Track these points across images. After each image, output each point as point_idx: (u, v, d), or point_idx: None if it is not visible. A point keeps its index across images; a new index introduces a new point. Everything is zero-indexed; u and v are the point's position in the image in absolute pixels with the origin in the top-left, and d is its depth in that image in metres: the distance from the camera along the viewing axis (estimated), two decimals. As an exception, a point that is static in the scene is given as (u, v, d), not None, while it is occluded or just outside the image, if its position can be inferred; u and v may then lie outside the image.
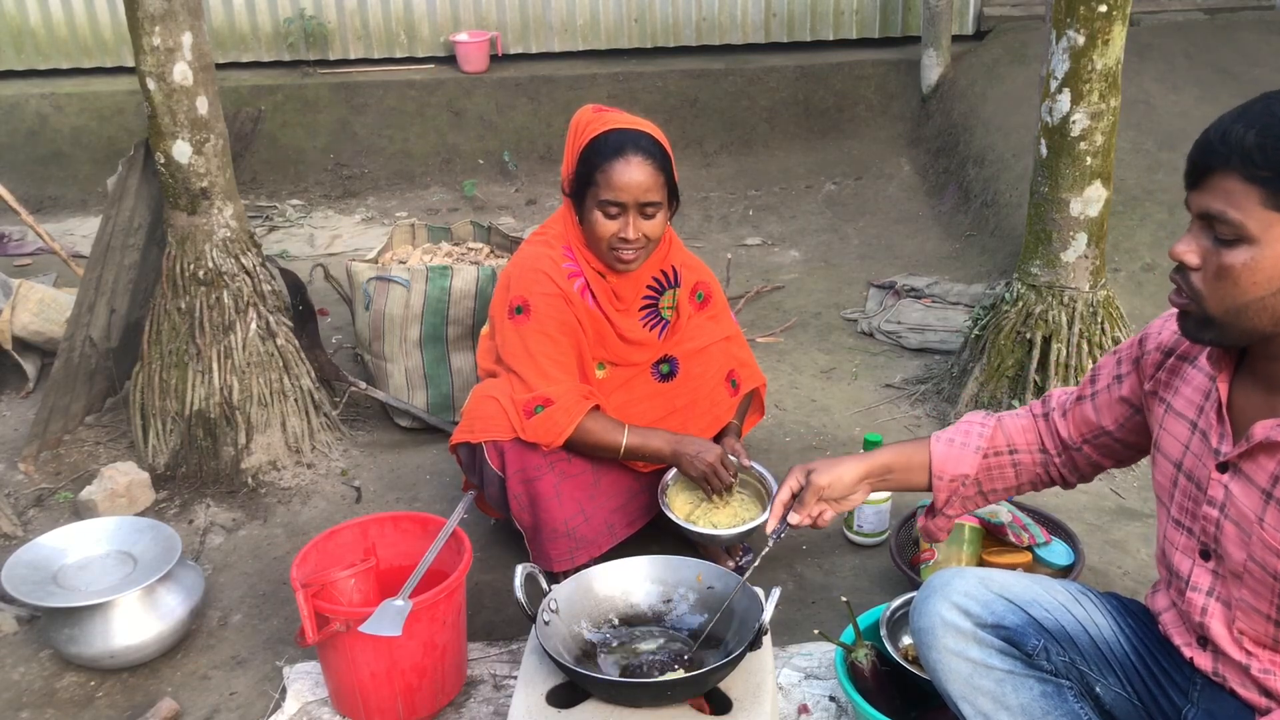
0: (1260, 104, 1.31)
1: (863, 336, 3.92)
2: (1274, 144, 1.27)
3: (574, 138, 2.33)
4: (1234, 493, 1.45)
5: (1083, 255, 2.97)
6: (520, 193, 5.67)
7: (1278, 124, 1.27)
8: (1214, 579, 1.51)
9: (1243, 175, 1.29)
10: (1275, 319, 1.34)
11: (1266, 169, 1.27)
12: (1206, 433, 1.50)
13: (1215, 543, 1.49)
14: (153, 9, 2.75)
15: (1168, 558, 1.60)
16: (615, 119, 2.30)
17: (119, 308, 3.19)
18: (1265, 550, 1.41)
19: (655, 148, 2.27)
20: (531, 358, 2.30)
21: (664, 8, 6.07)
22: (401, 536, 2.25)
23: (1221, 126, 1.32)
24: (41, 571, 2.27)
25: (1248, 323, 1.35)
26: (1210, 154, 1.33)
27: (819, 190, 5.54)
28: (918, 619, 1.69)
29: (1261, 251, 1.30)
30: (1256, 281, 1.32)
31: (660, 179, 2.27)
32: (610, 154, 2.23)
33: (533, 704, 1.81)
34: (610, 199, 2.24)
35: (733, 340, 2.59)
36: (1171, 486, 1.57)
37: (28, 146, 5.68)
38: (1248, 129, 1.29)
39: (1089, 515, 2.76)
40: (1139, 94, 4.93)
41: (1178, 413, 1.58)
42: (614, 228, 2.27)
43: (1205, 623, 1.52)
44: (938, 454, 1.81)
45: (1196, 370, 1.56)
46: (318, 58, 6.02)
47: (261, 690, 2.24)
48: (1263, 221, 1.29)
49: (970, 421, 1.85)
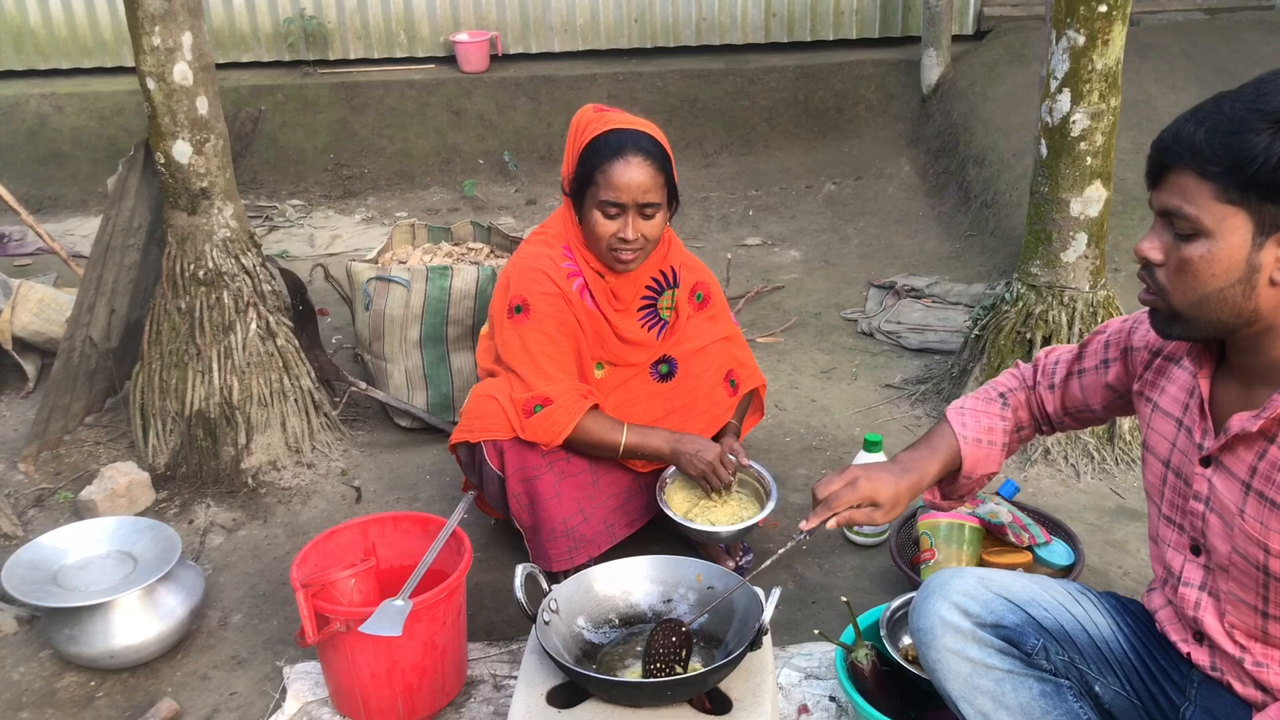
0: (1210, 103, 1.35)
1: (863, 336, 3.92)
2: (1221, 140, 1.31)
3: (574, 137, 2.33)
4: (1216, 486, 1.47)
5: (1083, 255, 2.97)
6: (520, 193, 5.67)
7: (1225, 121, 1.31)
8: (1205, 573, 1.53)
9: (1196, 171, 1.33)
10: (1236, 310, 1.37)
11: (1216, 164, 1.31)
12: (1191, 429, 1.53)
13: (1203, 537, 1.51)
14: (153, 9, 2.75)
15: (1161, 555, 1.62)
16: (615, 119, 2.30)
17: (119, 308, 3.19)
18: (1247, 541, 1.43)
19: (655, 148, 2.27)
20: (530, 357, 2.30)
21: (664, 8, 6.07)
22: (401, 536, 2.25)
23: (1175, 126, 1.37)
24: (41, 571, 2.27)
25: (1211, 314, 1.39)
26: (1165, 153, 1.37)
27: (819, 190, 5.54)
28: (917, 619, 1.70)
29: (1217, 244, 1.34)
30: (1214, 273, 1.35)
31: (660, 179, 2.27)
32: (610, 154, 2.23)
33: (533, 704, 1.81)
34: (610, 199, 2.24)
35: (732, 340, 2.59)
36: (1161, 484, 1.60)
37: (28, 146, 5.68)
38: (1198, 127, 1.33)
39: (1089, 515, 2.76)
40: (1139, 94, 4.93)
41: (1164, 411, 1.60)
42: (613, 228, 2.28)
43: (1199, 617, 1.53)
44: (969, 457, 1.85)
45: (1181, 369, 1.59)
46: (318, 58, 6.02)
47: (261, 690, 2.24)
48: (1217, 215, 1.33)
49: (990, 414, 1.87)
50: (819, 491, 1.75)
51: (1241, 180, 1.30)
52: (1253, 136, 1.29)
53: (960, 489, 1.90)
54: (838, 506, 1.73)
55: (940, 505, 1.95)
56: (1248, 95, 1.32)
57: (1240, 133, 1.30)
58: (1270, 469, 1.39)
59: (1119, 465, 2.94)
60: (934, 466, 1.84)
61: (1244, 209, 1.32)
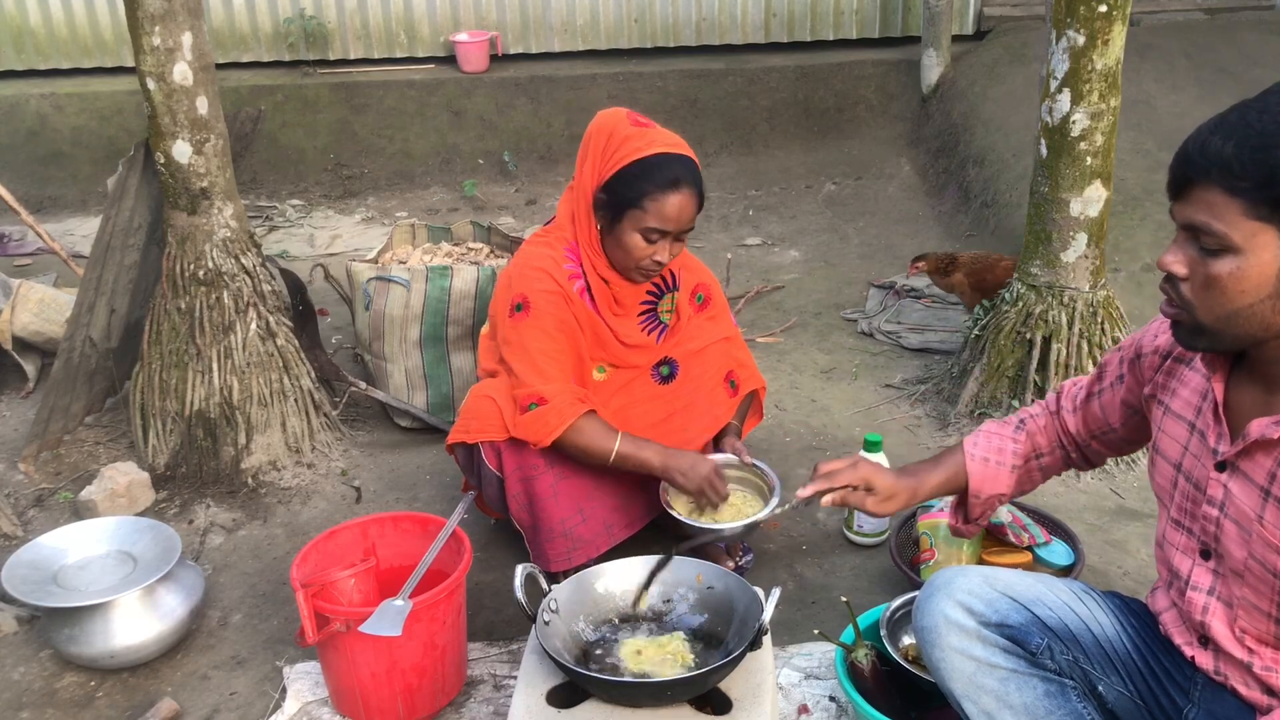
0: (1236, 114, 1.32)
1: (863, 336, 3.92)
2: (1251, 155, 1.27)
3: (608, 146, 2.29)
4: (1233, 491, 1.46)
5: (1083, 255, 2.97)
6: (520, 193, 5.67)
7: (1254, 135, 1.28)
8: (1214, 578, 1.52)
9: (1224, 187, 1.30)
10: (1265, 324, 1.35)
11: (1246, 180, 1.28)
12: (1204, 433, 1.51)
13: (1215, 542, 1.50)
14: (153, 9, 2.75)
15: (1167, 558, 1.60)
16: (659, 139, 2.29)
17: (119, 308, 3.19)
18: (1265, 548, 1.41)
19: (699, 176, 2.31)
20: (528, 354, 2.29)
21: (664, 8, 6.07)
22: (401, 536, 2.25)
23: (1199, 139, 1.33)
24: (41, 571, 2.27)
25: (1239, 329, 1.36)
26: (1190, 167, 1.34)
27: (819, 190, 5.54)
28: (921, 617, 1.69)
29: (1246, 260, 1.31)
30: (1244, 290, 1.33)
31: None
32: (666, 185, 2.25)
33: (533, 704, 1.81)
34: (657, 226, 2.27)
35: (732, 342, 2.59)
36: (1171, 487, 1.58)
37: (28, 146, 5.68)
38: (1225, 141, 1.30)
39: (1089, 515, 2.76)
40: (1139, 94, 4.92)
41: (1176, 414, 1.59)
42: (650, 251, 2.31)
43: (1206, 622, 1.52)
44: (975, 474, 1.87)
45: (1193, 372, 1.57)
46: (318, 58, 6.02)
47: (261, 690, 2.24)
48: (1246, 231, 1.30)
49: (1002, 435, 1.89)
50: (820, 468, 1.84)
51: (1272, 196, 1.27)
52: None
53: (972, 510, 1.91)
54: (835, 482, 1.81)
55: (962, 530, 1.97)
56: (1274, 107, 1.29)
57: (1271, 148, 1.26)
58: None
59: (1119, 465, 2.94)
60: (935, 476, 1.87)
61: (1274, 225, 1.29)
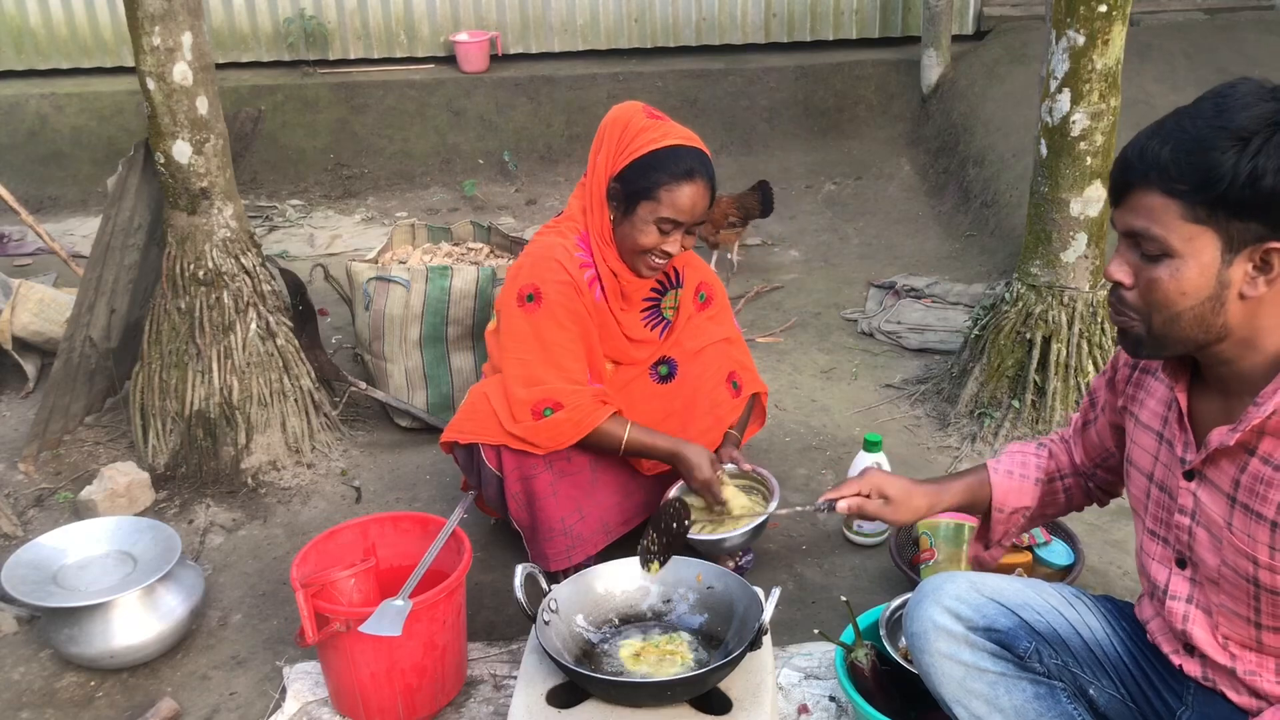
0: (1172, 120, 1.34)
1: (863, 336, 3.92)
2: (1187, 158, 1.29)
3: (623, 137, 2.30)
4: (1202, 500, 1.47)
5: (1083, 255, 2.97)
6: (520, 193, 5.67)
7: (1190, 139, 1.30)
8: (1191, 586, 1.53)
9: (1161, 190, 1.32)
10: (1207, 328, 1.36)
11: (1183, 183, 1.30)
12: (1172, 442, 1.52)
13: (1190, 550, 1.50)
14: (153, 9, 2.75)
15: (1145, 568, 1.61)
16: (674, 132, 2.31)
17: (119, 308, 3.19)
18: (1236, 554, 1.42)
19: (711, 169, 2.32)
20: (543, 346, 2.28)
21: (664, 8, 6.07)
22: (401, 536, 2.25)
23: (1138, 144, 1.35)
24: (41, 571, 2.27)
25: (1181, 333, 1.38)
26: (1129, 171, 1.35)
27: (819, 190, 5.54)
28: (910, 623, 1.71)
29: (1185, 264, 1.33)
30: (1184, 293, 1.34)
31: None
32: (681, 175, 2.26)
33: (533, 704, 1.81)
34: (670, 217, 2.28)
35: (732, 343, 2.59)
36: (1145, 498, 1.60)
37: (28, 146, 5.68)
38: (1162, 145, 1.32)
39: (1089, 515, 2.75)
40: (1139, 94, 4.92)
41: (1144, 425, 1.60)
42: (662, 241, 2.31)
43: (1188, 630, 1.53)
44: (999, 486, 1.86)
45: (1158, 381, 1.59)
46: (318, 58, 6.02)
47: (261, 690, 2.24)
48: (1183, 235, 1.32)
49: (1025, 452, 1.90)
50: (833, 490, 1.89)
51: (1209, 199, 1.29)
52: (1219, 154, 1.27)
53: (995, 530, 1.89)
54: (847, 490, 1.84)
55: (983, 558, 1.95)
56: (1207, 111, 1.31)
57: (1206, 150, 1.28)
58: (1253, 481, 1.39)
59: (1119, 465, 2.94)
60: (957, 485, 1.87)
61: (1212, 227, 1.30)
